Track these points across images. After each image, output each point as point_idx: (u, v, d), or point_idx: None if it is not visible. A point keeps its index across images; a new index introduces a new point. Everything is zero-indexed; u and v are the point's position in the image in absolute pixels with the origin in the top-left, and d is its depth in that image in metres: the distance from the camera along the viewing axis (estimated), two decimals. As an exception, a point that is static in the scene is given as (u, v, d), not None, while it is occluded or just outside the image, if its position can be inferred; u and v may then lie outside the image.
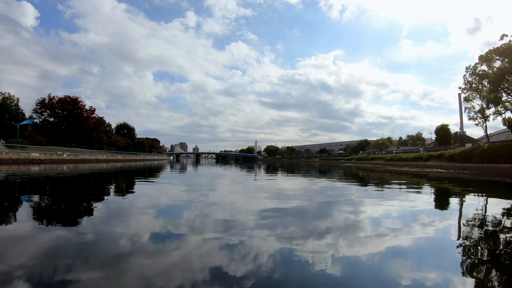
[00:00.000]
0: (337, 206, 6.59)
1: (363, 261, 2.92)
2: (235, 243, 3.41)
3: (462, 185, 12.78)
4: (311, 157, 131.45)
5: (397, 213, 5.65)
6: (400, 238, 3.79)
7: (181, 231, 4.04)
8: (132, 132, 78.81)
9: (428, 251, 3.34)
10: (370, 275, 2.59)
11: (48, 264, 2.71)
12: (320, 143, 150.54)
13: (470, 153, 27.18)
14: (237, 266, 2.70)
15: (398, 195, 9.00)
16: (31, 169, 22.53)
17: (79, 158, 45.61)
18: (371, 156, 62.84)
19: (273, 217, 5.07)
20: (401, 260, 3.01)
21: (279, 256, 3.02)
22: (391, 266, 2.85)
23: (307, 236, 3.84)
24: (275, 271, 2.62)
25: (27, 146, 38.92)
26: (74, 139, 53.12)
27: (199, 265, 2.72)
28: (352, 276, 2.59)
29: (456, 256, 3.14)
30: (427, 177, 18.75)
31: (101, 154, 52.85)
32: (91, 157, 48.68)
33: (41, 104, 50.12)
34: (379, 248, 3.33)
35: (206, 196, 8.04)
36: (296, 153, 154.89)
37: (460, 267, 2.80)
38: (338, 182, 14.74)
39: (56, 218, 4.93)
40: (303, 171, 27.47)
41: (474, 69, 31.57)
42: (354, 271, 2.70)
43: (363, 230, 4.22)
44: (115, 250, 3.20)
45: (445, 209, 6.81)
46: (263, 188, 11.29)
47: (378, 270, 2.72)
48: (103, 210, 5.68)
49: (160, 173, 22.40)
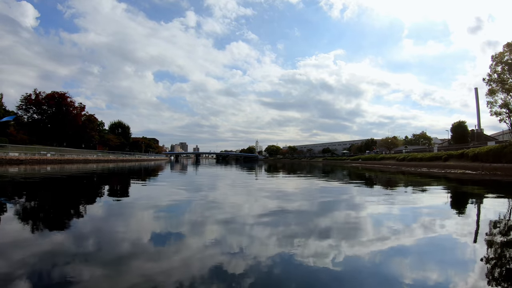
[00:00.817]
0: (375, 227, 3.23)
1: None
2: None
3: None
4: (314, 157, 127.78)
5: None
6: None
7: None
8: (127, 131, 75.17)
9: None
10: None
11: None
12: (322, 143, 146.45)
13: (499, 152, 23.64)
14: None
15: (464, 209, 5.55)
16: (9, 170, 20.18)
17: (65, 158, 42.43)
18: (380, 155, 59.20)
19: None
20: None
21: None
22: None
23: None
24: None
25: (5, 145, 35.74)
26: (63, 138, 49.98)
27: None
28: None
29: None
30: (460, 180, 15.30)
31: (91, 154, 49.66)
32: (79, 157, 45.51)
33: (26, 100, 46.68)
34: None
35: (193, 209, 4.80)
36: (298, 153, 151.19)
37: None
38: (357, 185, 11.27)
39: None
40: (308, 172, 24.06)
41: (500, 58, 28.06)
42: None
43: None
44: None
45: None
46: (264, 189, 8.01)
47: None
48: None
49: (152, 175, 19.31)
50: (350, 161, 78.24)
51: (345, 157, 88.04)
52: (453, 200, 8.10)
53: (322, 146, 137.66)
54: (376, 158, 58.04)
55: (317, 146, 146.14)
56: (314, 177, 17.76)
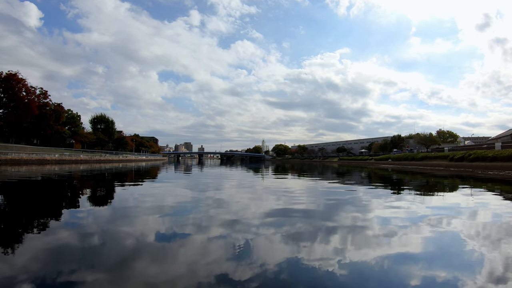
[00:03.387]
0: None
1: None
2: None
3: None
4: (327, 157, 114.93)
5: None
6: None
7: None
8: (111, 126, 63.61)
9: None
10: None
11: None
12: (336, 141, 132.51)
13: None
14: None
15: None
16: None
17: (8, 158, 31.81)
18: (420, 154, 46.56)
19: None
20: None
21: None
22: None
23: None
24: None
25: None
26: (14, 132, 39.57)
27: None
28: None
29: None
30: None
31: (51, 153, 39.01)
32: (30, 157, 34.86)
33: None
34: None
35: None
36: (308, 153, 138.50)
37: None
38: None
39: None
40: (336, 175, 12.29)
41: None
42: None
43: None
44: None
45: None
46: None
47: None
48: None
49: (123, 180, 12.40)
50: (374, 161, 65.63)
51: (366, 157, 75.13)
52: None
53: (336, 145, 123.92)
54: (415, 157, 45.49)
55: (329, 145, 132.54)
56: (355, 184, 10.60)
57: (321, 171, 25.12)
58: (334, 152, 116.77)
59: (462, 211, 5.69)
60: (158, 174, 20.07)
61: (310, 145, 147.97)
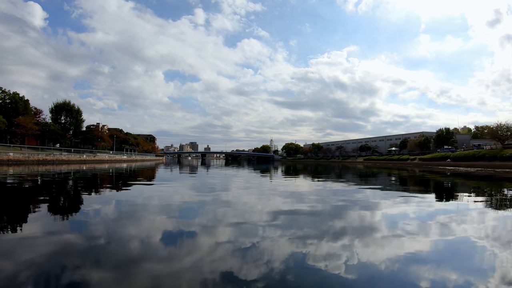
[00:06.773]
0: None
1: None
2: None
3: None
4: (348, 157, 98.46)
5: None
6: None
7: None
8: (77, 117, 50.46)
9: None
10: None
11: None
12: (356, 139, 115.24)
13: None
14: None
15: None
16: None
17: None
18: (509, 152, 30.44)
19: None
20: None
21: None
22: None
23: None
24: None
25: None
26: None
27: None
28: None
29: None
30: None
31: None
32: None
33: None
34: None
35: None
36: (323, 152, 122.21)
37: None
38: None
39: None
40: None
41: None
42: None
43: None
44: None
45: None
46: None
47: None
48: None
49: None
50: (420, 161, 49.54)
51: (405, 156, 58.62)
52: None
53: (358, 143, 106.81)
54: (503, 156, 29.59)
55: (349, 143, 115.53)
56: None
57: (372, 176, 17.02)
58: (355, 151, 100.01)
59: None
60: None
61: (326, 143, 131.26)
